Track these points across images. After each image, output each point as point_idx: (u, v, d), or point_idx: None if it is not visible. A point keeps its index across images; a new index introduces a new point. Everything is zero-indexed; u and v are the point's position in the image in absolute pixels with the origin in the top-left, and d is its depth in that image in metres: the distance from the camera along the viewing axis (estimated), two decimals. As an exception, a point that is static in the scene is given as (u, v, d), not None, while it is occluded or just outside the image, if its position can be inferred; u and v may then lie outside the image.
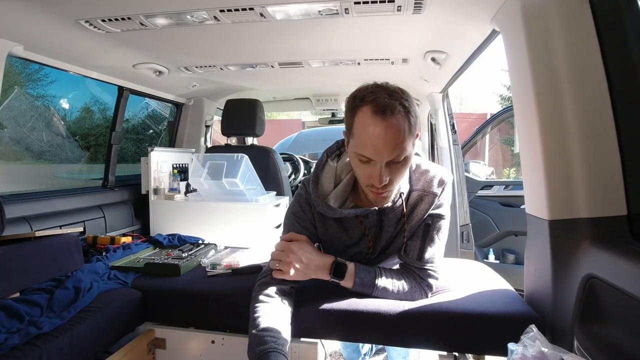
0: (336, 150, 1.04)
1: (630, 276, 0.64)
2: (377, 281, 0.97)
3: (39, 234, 1.10)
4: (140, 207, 2.03)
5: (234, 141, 2.41)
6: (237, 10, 1.14)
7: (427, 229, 0.99)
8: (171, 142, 2.60)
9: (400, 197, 0.97)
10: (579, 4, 0.82)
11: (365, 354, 1.79)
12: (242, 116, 2.22)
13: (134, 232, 1.93)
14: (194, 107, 2.55)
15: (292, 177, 2.87)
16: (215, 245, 1.53)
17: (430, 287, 0.99)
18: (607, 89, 0.81)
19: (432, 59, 1.59)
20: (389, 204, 0.97)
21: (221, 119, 2.26)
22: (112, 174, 1.99)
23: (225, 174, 1.75)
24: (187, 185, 2.04)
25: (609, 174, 0.81)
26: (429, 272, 0.98)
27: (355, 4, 1.10)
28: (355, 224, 1.00)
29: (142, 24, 1.23)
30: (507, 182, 3.38)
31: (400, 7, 1.11)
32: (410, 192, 1.00)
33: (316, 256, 0.95)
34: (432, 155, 2.61)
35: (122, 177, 2.19)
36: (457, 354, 0.98)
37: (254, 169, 1.86)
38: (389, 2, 1.08)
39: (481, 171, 3.12)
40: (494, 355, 0.92)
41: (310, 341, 1.04)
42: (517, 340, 0.70)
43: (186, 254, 1.36)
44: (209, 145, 2.79)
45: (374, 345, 1.82)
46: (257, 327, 0.84)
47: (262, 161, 2.18)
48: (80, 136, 3.88)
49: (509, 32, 1.01)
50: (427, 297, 0.99)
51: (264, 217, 1.82)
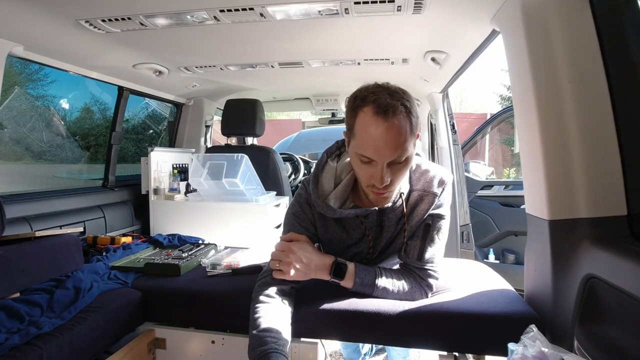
0: (336, 150, 1.04)
1: (630, 276, 0.64)
2: (377, 281, 0.97)
3: (39, 234, 1.10)
4: (140, 207, 2.03)
5: (234, 141, 2.41)
6: (237, 10, 1.14)
7: (427, 229, 0.99)
8: (171, 142, 2.60)
9: (400, 197, 0.97)
10: (579, 4, 0.82)
11: (365, 354, 1.79)
12: (242, 116, 2.22)
13: (134, 232, 1.92)
14: (194, 107, 2.55)
15: (292, 177, 2.87)
16: (215, 245, 1.53)
17: (430, 287, 0.99)
18: (607, 89, 0.81)
19: (432, 59, 1.59)
20: (389, 204, 0.97)
21: (221, 119, 2.26)
22: (112, 174, 1.99)
23: (225, 174, 1.75)
24: (187, 185, 2.04)
25: (609, 174, 0.81)
26: (429, 272, 0.98)
27: (355, 4, 1.10)
28: (355, 224, 1.00)
29: (142, 24, 1.24)
30: (507, 182, 3.38)
31: (400, 7, 1.11)
32: (410, 192, 0.99)
33: (316, 256, 0.95)
34: (432, 155, 2.61)
35: (122, 177, 2.19)
36: (457, 354, 0.98)
37: (254, 169, 1.86)
38: (389, 2, 1.08)
39: (481, 171, 3.12)
40: (494, 355, 0.92)
41: (310, 341, 1.04)
42: (517, 340, 0.70)
43: (186, 254, 1.36)
44: (209, 145, 2.79)
45: (374, 345, 1.82)
46: (257, 327, 0.84)
47: (262, 161, 2.18)
48: (80, 136, 3.88)
49: (509, 32, 1.01)
50: (427, 297, 0.99)
51: (264, 217, 1.82)
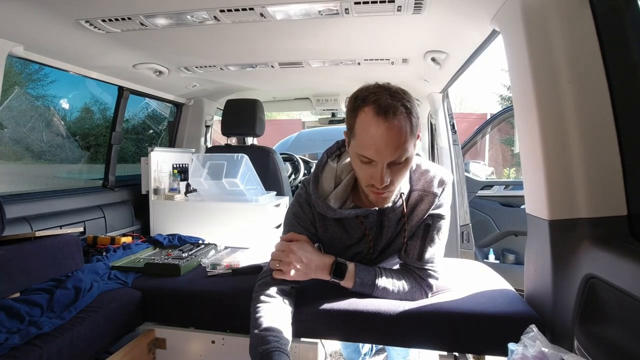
0: (336, 150, 1.04)
1: (630, 276, 0.64)
2: (377, 281, 0.97)
3: (39, 234, 1.10)
4: (140, 207, 2.03)
5: (234, 141, 2.41)
6: (237, 10, 1.14)
7: (427, 229, 0.99)
8: (171, 142, 2.60)
9: (400, 197, 0.97)
10: (579, 4, 0.82)
11: (365, 354, 1.79)
12: (242, 116, 2.22)
13: (134, 232, 1.92)
14: (194, 107, 2.55)
15: (292, 177, 2.87)
16: (215, 245, 1.53)
17: (430, 287, 0.99)
18: (607, 89, 0.81)
19: (432, 59, 1.59)
20: (389, 204, 0.97)
21: (221, 119, 2.26)
22: (112, 174, 1.99)
23: (225, 174, 1.75)
24: (187, 185, 2.04)
25: (609, 174, 0.81)
26: (429, 272, 0.98)
27: (355, 4, 1.10)
28: (355, 224, 1.00)
29: (142, 24, 1.23)
30: (507, 182, 3.38)
31: (400, 7, 1.11)
32: (410, 192, 0.99)
33: (316, 256, 0.95)
34: (432, 155, 2.61)
35: (122, 177, 2.19)
36: (457, 354, 0.98)
37: (254, 169, 1.86)
38: (389, 2, 1.08)
39: (481, 171, 3.12)
40: (494, 355, 0.92)
41: (310, 341, 1.04)
42: (517, 340, 0.70)
43: (186, 254, 1.36)
44: (209, 145, 2.79)
45: (374, 345, 1.82)
46: (259, 326, 0.84)
47: (262, 161, 2.18)
48: (80, 136, 3.88)
49: (509, 32, 1.01)
50: (427, 297, 0.99)
51: (264, 217, 1.82)
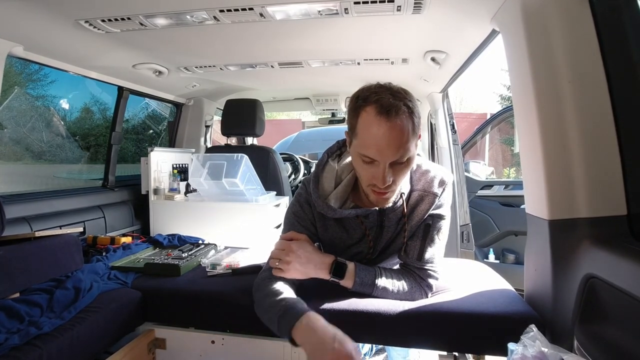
0: (337, 150, 1.04)
1: (630, 276, 0.64)
2: (377, 281, 0.97)
3: (39, 234, 1.10)
4: (140, 207, 2.03)
5: (234, 141, 2.41)
6: (236, 10, 1.14)
7: (428, 229, 0.99)
8: (171, 142, 2.60)
9: (400, 197, 0.97)
10: (579, 4, 0.82)
11: (365, 354, 1.79)
12: (242, 116, 2.22)
13: (134, 232, 1.92)
14: (194, 107, 2.55)
15: (292, 177, 2.87)
16: (215, 245, 1.53)
17: (430, 287, 0.99)
18: (607, 89, 0.81)
19: (432, 59, 1.59)
20: (389, 204, 0.97)
21: (221, 119, 2.26)
22: (112, 174, 1.98)
23: (225, 174, 1.75)
24: (187, 185, 2.04)
25: (609, 174, 0.81)
26: (429, 272, 0.98)
27: (355, 4, 1.10)
28: (355, 224, 1.00)
29: (142, 24, 1.23)
30: (507, 182, 3.38)
31: (400, 7, 1.11)
32: (410, 192, 0.99)
33: (316, 255, 0.95)
34: (432, 155, 2.61)
35: (122, 178, 2.19)
36: (457, 354, 0.98)
37: (254, 169, 1.86)
38: (389, 2, 1.08)
39: (481, 171, 3.12)
40: (494, 355, 0.92)
41: (310, 341, 1.03)
42: (517, 340, 0.70)
43: (186, 254, 1.36)
44: (209, 145, 2.79)
45: (374, 345, 1.82)
46: (272, 295, 0.86)
47: (262, 161, 2.18)
48: (80, 136, 3.88)
49: (509, 32, 1.01)
50: (427, 297, 0.99)
51: (264, 217, 1.82)
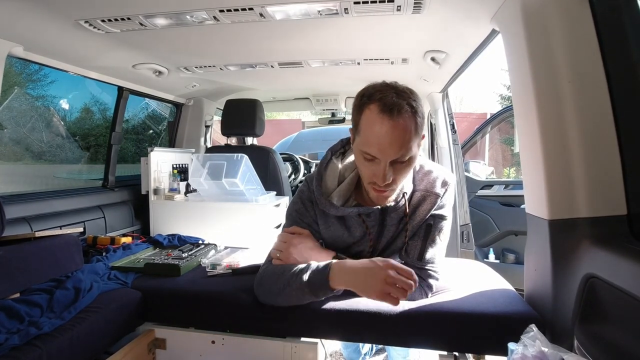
0: (340, 148, 1.04)
1: (630, 276, 0.64)
2: None
3: (39, 234, 1.10)
4: (140, 207, 2.02)
5: (233, 141, 2.41)
6: (236, 10, 1.14)
7: (429, 230, 0.99)
8: (171, 142, 2.60)
9: (403, 196, 0.97)
10: (578, 4, 0.82)
11: (365, 354, 1.79)
12: (242, 116, 2.22)
13: (134, 233, 1.92)
14: (193, 107, 2.55)
15: (292, 177, 2.87)
16: (215, 245, 1.53)
17: (430, 287, 0.99)
18: (607, 89, 0.81)
19: (432, 59, 1.59)
20: (392, 203, 0.97)
21: (221, 119, 2.26)
22: (112, 174, 1.98)
23: (225, 174, 1.75)
24: (187, 185, 2.04)
25: (609, 173, 0.81)
26: (430, 272, 0.98)
27: (355, 4, 1.10)
28: (357, 223, 1.00)
29: (141, 24, 1.23)
30: (507, 181, 3.38)
31: (400, 7, 1.11)
32: (413, 192, 1.00)
33: (317, 249, 0.97)
34: (432, 155, 2.61)
35: (122, 178, 2.19)
36: (457, 354, 0.98)
37: (254, 169, 1.86)
38: (389, 2, 1.08)
39: (481, 171, 3.12)
40: (494, 355, 0.92)
41: (310, 341, 1.04)
42: (517, 340, 0.70)
43: (186, 254, 1.36)
44: (209, 145, 2.79)
45: (374, 345, 1.82)
46: (287, 271, 0.92)
47: (262, 161, 2.18)
48: (80, 136, 3.88)
49: (509, 32, 1.01)
50: (427, 297, 0.99)
51: (264, 217, 1.82)
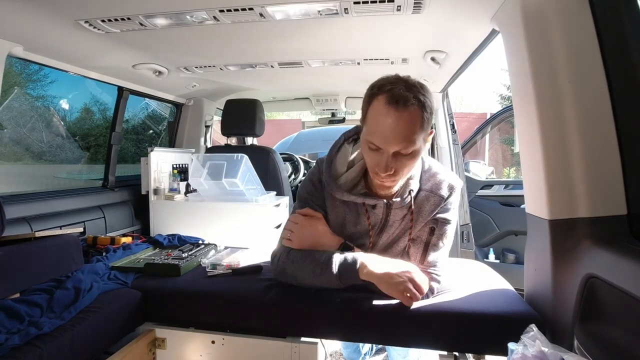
0: (354, 134, 1.05)
1: (630, 276, 0.64)
2: None
3: (39, 234, 1.10)
4: (140, 207, 2.02)
5: (233, 141, 2.41)
6: (236, 10, 1.14)
7: (432, 233, 0.99)
8: (171, 142, 2.60)
9: (409, 194, 0.98)
10: (579, 4, 0.82)
11: (365, 354, 1.79)
12: (242, 116, 2.22)
13: (134, 233, 1.92)
14: (193, 107, 2.55)
15: (292, 177, 2.87)
16: (215, 245, 1.53)
17: (431, 289, 0.98)
18: (607, 89, 0.81)
19: (432, 59, 1.59)
20: (397, 199, 0.97)
21: (221, 119, 2.26)
22: (112, 175, 1.98)
23: (225, 174, 1.75)
24: (187, 185, 2.04)
25: (609, 173, 0.81)
26: (432, 275, 0.98)
27: (354, 4, 1.10)
28: (361, 212, 1.00)
29: (141, 24, 1.23)
30: (507, 181, 3.38)
31: (400, 7, 1.11)
32: (418, 191, 1.00)
33: (326, 234, 1.01)
34: (432, 155, 2.61)
35: (122, 178, 2.19)
36: (457, 354, 0.98)
37: (254, 169, 1.86)
38: (389, 2, 1.08)
39: (481, 171, 3.12)
40: (494, 355, 0.92)
41: (310, 341, 1.04)
42: (517, 339, 0.70)
43: (186, 254, 1.36)
44: (209, 145, 2.79)
45: (374, 345, 1.82)
46: (315, 256, 0.96)
47: (262, 161, 2.18)
48: (80, 136, 3.87)
49: (509, 32, 1.01)
50: (428, 299, 0.99)
51: (264, 217, 1.82)
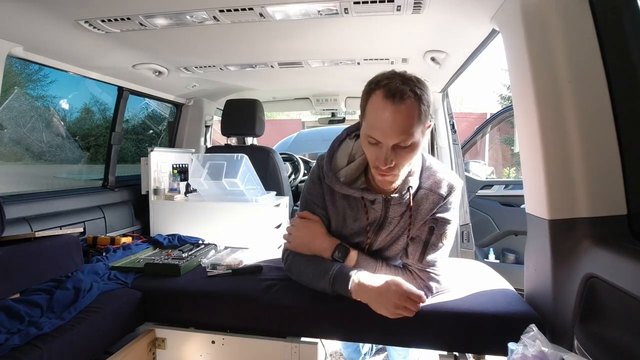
0: (356, 130, 1.05)
1: (630, 275, 0.64)
2: (376, 271, 0.98)
3: (39, 234, 1.10)
4: (140, 207, 2.03)
5: (233, 141, 2.41)
6: (236, 10, 1.14)
7: (432, 232, 0.99)
8: (171, 142, 2.60)
9: (408, 190, 0.98)
10: (578, 4, 0.82)
11: (365, 354, 1.79)
12: (242, 116, 2.22)
13: (134, 233, 1.92)
14: (193, 108, 2.55)
15: (292, 177, 2.87)
16: (215, 245, 1.53)
17: (430, 289, 0.99)
18: (607, 89, 0.81)
19: (432, 59, 1.59)
20: (396, 195, 0.97)
21: (221, 119, 2.26)
22: (112, 175, 1.98)
23: (225, 174, 1.75)
24: (187, 185, 2.04)
25: (609, 173, 0.81)
26: (431, 274, 0.98)
27: (354, 4, 1.10)
28: (360, 208, 1.01)
29: (141, 24, 1.23)
30: (507, 181, 3.38)
31: (399, 6, 1.11)
32: (417, 188, 1.01)
33: (323, 236, 1.03)
34: (432, 155, 2.61)
35: (122, 178, 2.19)
36: (457, 354, 0.98)
37: (254, 169, 1.86)
38: (389, 2, 1.08)
39: (481, 171, 3.12)
40: (494, 354, 0.92)
41: (310, 341, 1.04)
42: (517, 339, 0.70)
43: (186, 254, 1.36)
44: (209, 145, 2.79)
45: (374, 345, 1.82)
46: (314, 266, 1.01)
47: (262, 161, 2.18)
48: (80, 137, 3.87)
49: (509, 32, 1.01)
50: (427, 299, 0.99)
51: (264, 217, 1.82)
